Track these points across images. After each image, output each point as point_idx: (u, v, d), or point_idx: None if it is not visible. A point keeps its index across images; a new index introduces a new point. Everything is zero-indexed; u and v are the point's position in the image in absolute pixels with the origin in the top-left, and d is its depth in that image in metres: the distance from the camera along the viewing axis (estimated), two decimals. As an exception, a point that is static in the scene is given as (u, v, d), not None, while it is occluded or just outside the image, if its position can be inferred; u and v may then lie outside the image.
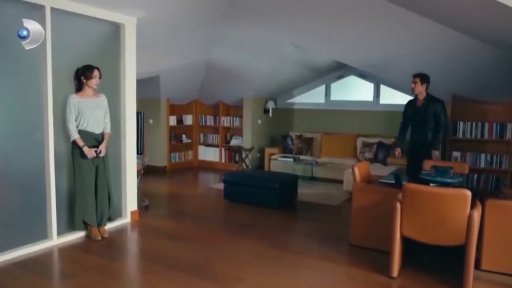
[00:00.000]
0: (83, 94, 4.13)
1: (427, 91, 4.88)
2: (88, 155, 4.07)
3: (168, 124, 8.48)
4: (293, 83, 8.36)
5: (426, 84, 4.85)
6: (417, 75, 4.86)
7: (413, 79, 4.86)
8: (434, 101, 4.84)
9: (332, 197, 6.37)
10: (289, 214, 5.52)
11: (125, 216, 4.85)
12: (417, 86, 4.84)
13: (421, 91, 4.86)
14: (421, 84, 4.82)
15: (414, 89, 4.87)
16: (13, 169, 3.86)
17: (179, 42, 5.96)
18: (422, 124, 4.88)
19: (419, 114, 4.90)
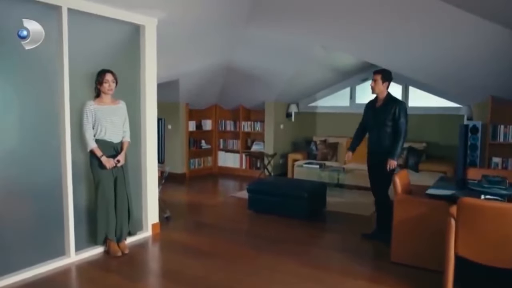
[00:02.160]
0: (100, 101, 3.87)
1: (388, 90, 4.37)
2: (106, 165, 3.81)
3: (187, 130, 8.22)
4: (316, 86, 8.03)
5: (388, 83, 4.33)
6: (378, 72, 4.35)
7: (373, 76, 4.35)
8: (394, 102, 4.28)
9: (362, 206, 6.00)
10: (319, 225, 5.17)
11: (145, 229, 4.56)
12: (377, 84, 4.30)
13: (381, 90, 4.32)
14: (382, 82, 4.28)
15: (374, 87, 4.33)
16: (29, 180, 3.60)
17: (201, 44, 5.68)
18: (379, 129, 4.32)
19: (377, 116, 4.35)
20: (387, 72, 4.37)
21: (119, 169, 3.94)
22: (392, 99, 4.33)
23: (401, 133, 4.21)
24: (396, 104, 4.25)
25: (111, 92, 3.88)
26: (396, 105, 4.23)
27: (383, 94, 4.34)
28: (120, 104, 4.01)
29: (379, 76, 4.30)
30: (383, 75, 4.30)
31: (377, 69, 4.40)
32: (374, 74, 4.34)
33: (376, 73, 4.35)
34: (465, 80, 5.67)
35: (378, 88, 4.31)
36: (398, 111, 4.19)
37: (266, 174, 7.99)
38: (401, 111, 4.20)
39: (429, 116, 7.34)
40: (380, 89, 4.32)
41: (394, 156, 4.21)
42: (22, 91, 3.55)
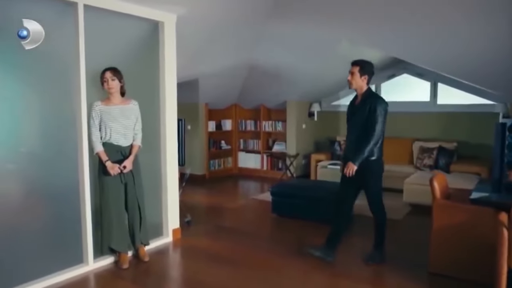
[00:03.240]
0: (108, 101, 3.64)
1: (369, 85, 3.71)
2: (110, 171, 3.53)
3: (206, 130, 8.03)
4: (340, 83, 7.70)
5: (368, 76, 3.65)
6: (355, 63, 3.67)
7: (350, 68, 3.68)
8: (372, 98, 3.61)
9: (391, 209, 5.65)
10: (352, 232, 4.90)
11: (166, 234, 4.37)
12: (354, 77, 3.64)
13: (360, 85, 3.65)
14: (360, 75, 3.62)
15: (351, 81, 3.67)
16: (46, 182, 3.45)
17: (221, 42, 5.47)
18: (357, 131, 3.65)
19: (355, 117, 3.70)
20: (367, 64, 3.67)
21: (128, 174, 3.68)
22: (371, 95, 3.65)
23: (370, 136, 3.48)
24: (373, 100, 3.57)
25: (113, 90, 3.60)
26: (374, 102, 3.55)
27: (362, 90, 3.67)
28: (131, 104, 3.74)
29: (356, 68, 3.63)
30: (362, 67, 3.62)
31: (355, 60, 3.70)
32: (351, 66, 3.68)
33: (354, 64, 3.67)
34: (502, 75, 5.32)
35: (356, 83, 3.64)
36: (374, 109, 3.50)
37: (288, 175, 7.75)
38: (377, 109, 3.50)
39: (459, 114, 6.97)
40: (358, 84, 3.64)
41: (355, 160, 3.52)
42: (39, 91, 3.41)
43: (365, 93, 3.67)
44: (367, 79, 3.66)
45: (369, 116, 3.53)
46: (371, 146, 3.51)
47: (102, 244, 3.66)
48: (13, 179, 3.32)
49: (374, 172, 3.68)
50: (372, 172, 3.66)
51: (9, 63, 3.13)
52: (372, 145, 3.51)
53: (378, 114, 3.51)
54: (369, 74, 3.68)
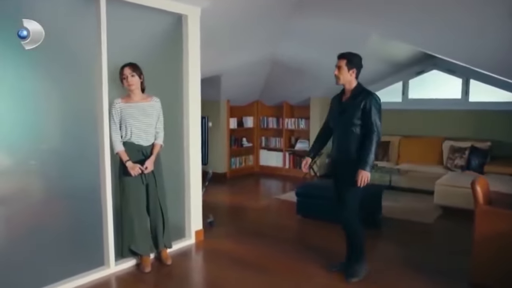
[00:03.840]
0: (129, 98, 3.47)
1: (358, 80, 3.36)
2: (131, 171, 3.37)
3: (228, 127, 7.86)
4: (366, 80, 7.30)
5: (356, 70, 3.30)
6: (342, 56, 3.32)
7: (337, 62, 3.34)
8: (364, 94, 3.27)
9: (421, 212, 5.44)
10: (376, 235, 4.67)
11: (189, 236, 4.23)
12: (342, 72, 3.29)
13: (348, 80, 3.31)
14: (347, 68, 3.27)
15: (338, 76, 3.31)
16: (67, 183, 3.34)
17: (245, 36, 5.29)
18: (346, 129, 3.32)
19: (343, 113, 3.35)
20: (354, 56, 3.31)
21: (150, 175, 3.52)
22: (362, 91, 3.32)
23: (372, 135, 3.20)
24: (366, 97, 3.25)
25: (133, 87, 3.42)
26: (367, 98, 3.24)
27: (351, 85, 3.34)
28: (152, 101, 3.56)
29: (343, 61, 3.28)
30: (349, 60, 3.28)
31: (342, 53, 3.35)
32: (338, 59, 3.34)
33: (340, 57, 3.33)
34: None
35: (344, 77, 3.30)
36: (369, 105, 3.20)
37: (312, 174, 7.53)
38: (372, 105, 3.21)
39: (493, 112, 6.63)
40: (346, 79, 3.31)
41: (366, 165, 3.21)
42: (60, 86, 3.29)
43: (355, 89, 3.34)
44: (356, 73, 3.31)
45: (364, 114, 3.22)
46: (376, 146, 3.23)
47: (123, 246, 3.53)
48: (34, 176, 3.22)
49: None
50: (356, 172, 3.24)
51: (29, 58, 3.01)
52: (376, 145, 3.22)
53: (375, 111, 3.21)
54: (358, 68, 3.31)
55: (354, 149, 3.28)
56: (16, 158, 3.07)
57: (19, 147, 3.07)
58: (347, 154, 3.34)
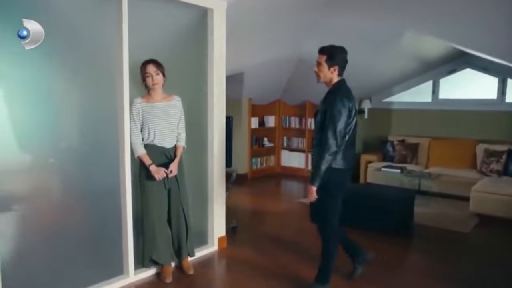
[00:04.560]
0: (150, 97, 3.23)
1: (341, 78, 2.94)
2: (155, 176, 3.15)
3: (249, 127, 7.62)
4: (394, 79, 7.14)
5: (338, 66, 2.89)
6: (322, 51, 2.93)
7: (317, 58, 2.96)
8: (331, 95, 2.87)
9: (455, 220, 5.11)
10: (409, 244, 4.39)
11: (211, 243, 4.00)
12: (321, 69, 2.92)
13: (329, 78, 2.92)
14: (328, 65, 2.89)
15: (318, 74, 2.96)
16: (85, 187, 3.13)
17: (272, 32, 5.04)
18: (316, 135, 3.00)
19: (315, 117, 3.04)
20: (336, 51, 2.90)
21: (172, 179, 3.29)
22: (334, 91, 2.89)
23: (324, 144, 2.79)
24: (330, 98, 2.85)
25: (157, 86, 3.19)
26: (329, 99, 2.84)
27: (332, 83, 2.93)
28: (174, 100, 3.32)
29: (323, 57, 2.90)
30: (330, 56, 2.88)
31: (322, 47, 2.95)
32: (318, 54, 2.96)
33: (320, 52, 2.94)
34: None
35: (324, 75, 2.92)
36: (329, 109, 2.79)
37: (336, 176, 7.23)
38: (332, 108, 2.76)
39: (532, 114, 6.26)
40: (327, 76, 2.92)
41: (314, 180, 2.85)
42: (79, 83, 3.09)
43: (331, 88, 2.94)
44: (338, 70, 2.90)
45: (325, 118, 2.83)
46: (327, 158, 2.79)
47: (143, 255, 3.31)
48: (53, 175, 3.02)
49: (326, 182, 2.88)
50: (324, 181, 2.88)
51: (47, 55, 2.82)
52: (327, 156, 2.78)
53: (331, 117, 2.77)
54: (340, 64, 2.91)
55: None
56: (34, 155, 2.89)
57: (37, 144, 2.89)
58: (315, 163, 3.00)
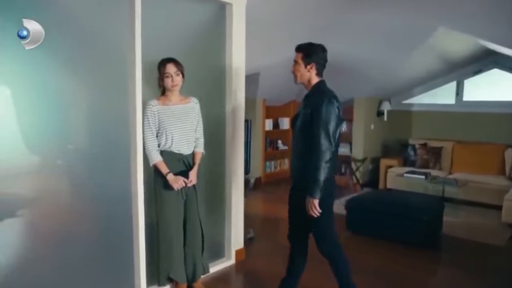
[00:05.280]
0: (166, 100, 2.95)
1: (321, 78, 2.69)
2: (174, 185, 2.86)
3: (263, 129, 7.33)
4: (416, 80, 6.80)
5: (315, 64, 2.63)
6: (298, 48, 2.68)
7: (294, 56, 2.71)
8: (318, 96, 2.58)
9: (487, 231, 4.78)
10: (436, 257, 4.09)
11: (228, 256, 3.72)
12: (298, 68, 2.67)
13: (307, 78, 2.67)
14: (304, 64, 2.63)
15: (295, 73, 2.70)
16: (95, 187, 2.87)
17: (290, 30, 4.73)
18: (297, 140, 2.72)
19: (296, 120, 2.73)
20: (313, 47, 2.65)
21: (190, 189, 3.00)
22: (315, 92, 2.64)
23: (318, 151, 2.48)
24: (317, 100, 2.56)
25: (177, 87, 2.92)
26: (316, 101, 2.56)
27: (310, 84, 2.68)
28: (191, 102, 3.04)
29: (299, 55, 2.65)
30: (306, 54, 2.63)
31: (299, 44, 2.69)
32: (295, 53, 2.70)
33: (297, 50, 2.69)
34: None
35: (301, 75, 2.67)
36: (317, 112, 2.51)
37: (354, 181, 6.92)
38: (321, 112, 2.49)
39: None
40: (304, 76, 2.67)
41: (313, 192, 2.51)
42: (88, 83, 2.84)
43: (312, 88, 2.67)
44: (316, 68, 2.64)
45: (312, 122, 2.54)
46: (324, 166, 2.47)
47: (159, 272, 3.00)
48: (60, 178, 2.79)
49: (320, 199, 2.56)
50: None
51: (56, 53, 2.58)
52: (324, 164, 2.47)
53: (321, 119, 2.49)
54: (318, 62, 2.64)
55: (301, 165, 2.64)
56: (41, 157, 2.66)
57: (45, 147, 2.66)
58: (297, 171, 2.71)
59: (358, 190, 6.81)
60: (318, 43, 2.70)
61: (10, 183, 2.52)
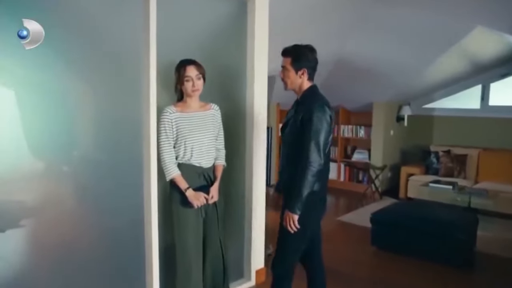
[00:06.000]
0: (185, 106, 2.63)
1: (312, 82, 2.45)
2: (194, 202, 2.53)
3: (277, 134, 6.98)
4: (439, 83, 6.44)
5: (307, 69, 2.39)
6: (285, 52, 2.43)
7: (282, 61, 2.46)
8: (308, 103, 2.35)
9: None
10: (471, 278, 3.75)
11: (248, 277, 3.39)
12: (287, 74, 2.42)
13: (297, 84, 2.42)
14: (295, 69, 2.38)
15: (285, 80, 2.46)
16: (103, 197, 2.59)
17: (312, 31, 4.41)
18: (284, 149, 2.55)
19: (285, 128, 2.53)
20: (302, 51, 2.40)
21: (210, 206, 2.66)
22: (306, 99, 2.41)
23: (306, 162, 2.25)
24: (307, 107, 2.33)
25: (197, 93, 2.60)
26: (306, 108, 2.33)
27: (301, 90, 2.44)
28: (212, 109, 2.73)
29: (287, 60, 2.40)
30: (295, 58, 2.38)
31: (286, 48, 2.44)
32: (282, 57, 2.45)
33: (283, 54, 2.44)
34: None
35: (291, 81, 2.43)
36: (308, 118, 2.28)
37: (373, 190, 6.57)
38: (311, 121, 2.26)
39: None
40: (295, 83, 2.42)
41: (293, 206, 2.29)
42: (95, 84, 2.56)
43: (302, 95, 2.44)
44: (307, 74, 2.40)
45: (302, 131, 2.31)
46: (310, 180, 2.25)
47: None
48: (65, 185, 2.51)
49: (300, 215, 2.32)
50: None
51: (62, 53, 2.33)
52: (310, 178, 2.25)
53: (312, 130, 2.25)
54: (309, 66, 2.41)
55: (286, 176, 2.45)
56: (47, 164, 2.41)
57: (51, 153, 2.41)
58: (284, 182, 2.48)
59: (377, 198, 6.47)
60: (306, 44, 2.44)
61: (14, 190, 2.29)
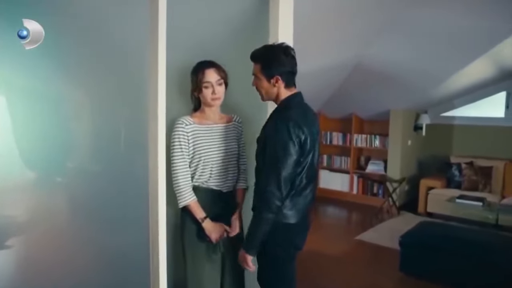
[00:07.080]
0: (202, 117, 2.21)
1: (292, 90, 2.06)
2: (212, 236, 2.12)
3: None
4: (460, 90, 6.02)
5: (281, 76, 1.98)
6: (253, 57, 2.06)
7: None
8: (275, 114, 2.03)
9: None
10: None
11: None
12: (260, 82, 2.05)
13: (275, 94, 2.03)
14: (265, 76, 2.00)
15: (258, 89, 2.09)
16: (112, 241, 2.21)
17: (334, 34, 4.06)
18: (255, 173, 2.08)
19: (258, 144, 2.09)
20: (273, 53, 2.02)
21: (230, 239, 2.22)
22: (275, 112, 2.06)
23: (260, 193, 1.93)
24: (272, 124, 1.99)
25: (218, 102, 2.19)
26: (270, 122, 2.02)
27: (278, 100, 2.05)
28: (235, 121, 2.31)
29: (257, 66, 2.04)
30: (265, 64, 2.01)
31: (253, 51, 2.07)
32: (252, 62, 2.09)
33: (252, 60, 2.07)
34: None
35: (265, 91, 2.04)
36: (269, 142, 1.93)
37: (390, 204, 6.14)
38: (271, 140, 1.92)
39: None
40: (270, 92, 2.04)
41: (245, 245, 2.00)
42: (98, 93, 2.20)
43: (278, 105, 2.05)
44: (283, 81, 2.00)
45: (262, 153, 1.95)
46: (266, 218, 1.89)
47: None
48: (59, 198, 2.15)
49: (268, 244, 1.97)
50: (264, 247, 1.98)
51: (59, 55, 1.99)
52: (266, 215, 1.89)
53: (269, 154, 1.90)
54: (283, 72, 1.99)
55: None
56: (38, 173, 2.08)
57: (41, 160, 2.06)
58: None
59: (395, 214, 6.04)
60: (278, 44, 2.07)
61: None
